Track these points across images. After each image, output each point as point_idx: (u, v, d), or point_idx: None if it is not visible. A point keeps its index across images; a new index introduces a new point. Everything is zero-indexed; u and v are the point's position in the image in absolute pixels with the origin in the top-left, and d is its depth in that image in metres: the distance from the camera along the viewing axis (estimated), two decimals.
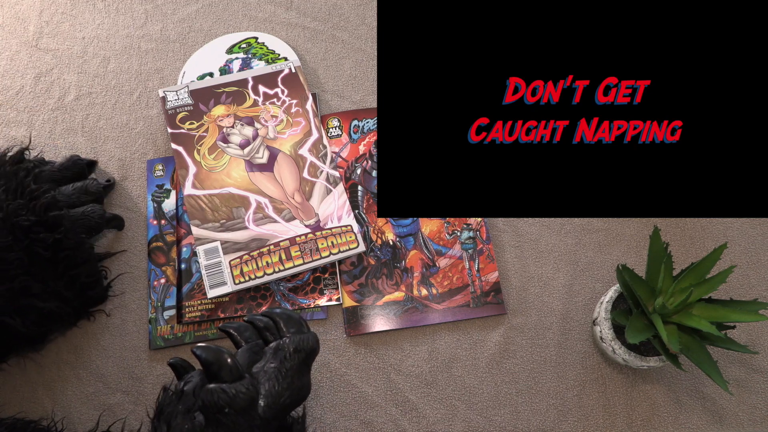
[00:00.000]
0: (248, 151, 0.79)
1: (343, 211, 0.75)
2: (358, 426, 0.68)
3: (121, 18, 0.88)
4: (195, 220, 0.75)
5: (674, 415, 0.68)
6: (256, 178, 0.77)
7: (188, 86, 0.82)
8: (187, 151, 0.78)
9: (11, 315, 0.62)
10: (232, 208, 0.76)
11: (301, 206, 0.76)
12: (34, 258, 0.63)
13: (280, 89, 0.82)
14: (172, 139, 0.79)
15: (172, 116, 0.80)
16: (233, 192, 0.77)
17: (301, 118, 0.81)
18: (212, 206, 0.76)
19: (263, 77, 0.83)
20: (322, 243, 0.73)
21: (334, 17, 0.87)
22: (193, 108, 0.81)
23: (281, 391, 0.53)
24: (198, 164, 0.78)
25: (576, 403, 0.69)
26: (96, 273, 0.69)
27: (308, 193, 0.76)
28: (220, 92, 0.82)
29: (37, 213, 0.64)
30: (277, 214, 0.75)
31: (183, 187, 0.76)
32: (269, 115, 0.80)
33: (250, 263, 0.72)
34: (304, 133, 0.80)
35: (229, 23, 0.87)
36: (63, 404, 0.69)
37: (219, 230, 0.74)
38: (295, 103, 0.81)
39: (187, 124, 0.80)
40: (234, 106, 0.81)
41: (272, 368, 0.54)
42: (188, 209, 0.75)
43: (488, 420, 0.68)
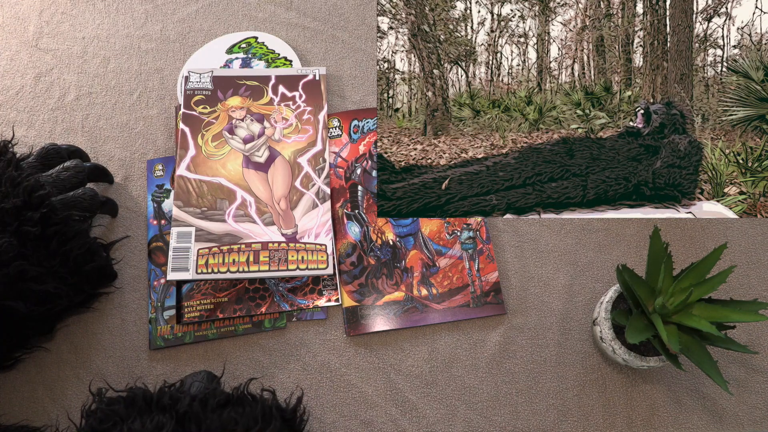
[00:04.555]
0: (250, 147, 0.79)
1: (323, 229, 0.75)
2: (358, 426, 0.68)
3: (121, 18, 0.88)
4: (178, 201, 0.75)
5: (674, 415, 0.68)
6: (249, 175, 0.78)
7: (213, 71, 0.83)
8: (192, 133, 0.79)
9: (12, 299, 0.62)
10: (217, 198, 0.76)
11: (284, 214, 0.75)
12: (25, 240, 0.63)
13: (299, 93, 0.82)
14: (182, 119, 0.80)
15: (188, 96, 0.81)
16: (223, 183, 0.77)
17: (310, 126, 0.81)
18: (199, 192, 0.76)
19: (286, 78, 0.83)
20: (293, 255, 0.73)
21: (334, 17, 0.87)
22: (210, 93, 0.82)
23: None
24: (198, 148, 0.79)
25: (576, 403, 0.69)
26: (87, 244, 0.68)
27: (294, 203, 0.76)
28: (241, 84, 0.82)
29: (22, 195, 0.64)
30: (258, 216, 0.75)
31: (177, 166, 0.77)
32: (280, 116, 0.81)
33: (218, 256, 0.72)
34: (309, 142, 0.80)
35: (229, 23, 0.87)
36: (63, 404, 0.69)
37: (198, 216, 0.75)
38: (308, 111, 0.81)
39: (200, 108, 0.81)
40: (249, 100, 0.82)
41: None
42: (175, 189, 0.76)
43: (488, 420, 0.68)
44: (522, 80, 0.87)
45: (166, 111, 0.83)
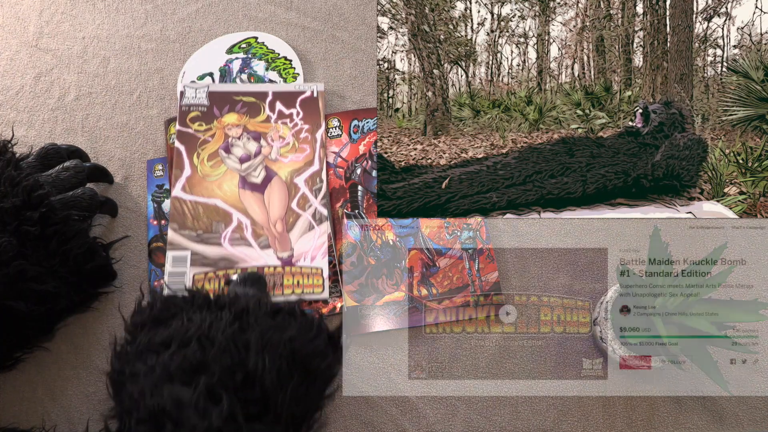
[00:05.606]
0: (246, 167, 0.77)
1: (319, 252, 0.74)
2: (358, 426, 0.68)
3: (121, 18, 0.88)
4: (174, 224, 0.74)
5: (674, 415, 0.68)
6: (245, 196, 0.76)
7: (208, 86, 0.81)
8: (187, 151, 0.78)
9: (13, 299, 0.62)
10: (213, 221, 0.74)
11: (280, 236, 0.74)
12: (25, 240, 0.63)
13: (296, 110, 0.80)
14: (177, 137, 0.78)
15: (184, 113, 0.79)
16: (219, 205, 0.75)
17: (307, 145, 0.79)
18: (194, 214, 0.74)
19: (284, 95, 0.81)
20: (288, 279, 0.72)
21: (334, 17, 0.87)
22: (206, 110, 0.80)
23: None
24: (194, 168, 0.77)
25: (576, 403, 0.69)
26: (87, 244, 0.68)
27: (290, 225, 0.75)
28: (238, 100, 0.80)
29: (21, 195, 0.64)
30: (254, 239, 0.74)
31: (172, 187, 0.76)
32: (277, 135, 0.78)
33: (213, 282, 0.71)
34: (306, 161, 0.78)
35: (229, 23, 0.87)
36: (63, 404, 0.69)
37: (193, 239, 0.73)
38: (306, 129, 0.79)
39: (196, 125, 0.79)
40: (246, 118, 0.79)
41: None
42: (170, 211, 0.75)
43: (488, 420, 0.68)
44: (522, 80, 0.87)
45: (166, 111, 0.83)
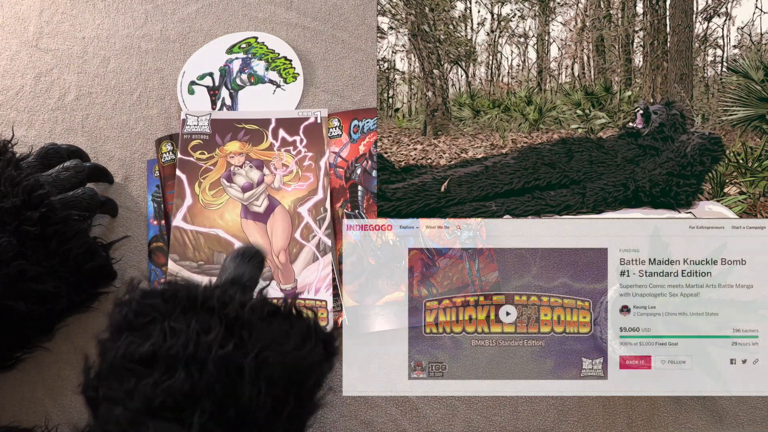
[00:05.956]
0: (248, 196, 0.76)
1: (323, 283, 0.72)
2: (358, 426, 0.68)
3: (121, 18, 0.88)
4: (174, 254, 0.73)
5: (674, 415, 0.68)
6: (248, 226, 0.75)
7: (210, 114, 0.80)
8: (189, 180, 0.77)
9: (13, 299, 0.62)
10: (214, 251, 0.73)
11: (283, 268, 0.73)
12: (25, 240, 0.63)
13: (299, 138, 0.79)
14: (179, 165, 0.77)
15: (186, 141, 0.78)
16: (221, 235, 0.74)
17: (311, 173, 0.77)
18: (195, 244, 0.73)
19: (287, 121, 0.79)
20: None
21: (334, 17, 0.87)
22: (208, 138, 0.79)
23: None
24: (196, 197, 0.76)
25: (576, 403, 0.69)
26: (87, 244, 0.68)
27: (294, 256, 0.73)
28: (240, 128, 0.79)
29: (21, 195, 0.64)
30: None
31: (173, 217, 0.75)
32: (281, 163, 0.77)
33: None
34: (310, 190, 0.77)
35: (229, 23, 0.87)
36: (63, 404, 0.69)
37: (194, 271, 0.72)
38: (309, 157, 0.78)
39: (198, 154, 0.78)
40: (249, 146, 0.78)
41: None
42: (171, 241, 0.74)
43: (488, 420, 0.68)
44: (522, 80, 0.87)
45: (166, 111, 0.83)
